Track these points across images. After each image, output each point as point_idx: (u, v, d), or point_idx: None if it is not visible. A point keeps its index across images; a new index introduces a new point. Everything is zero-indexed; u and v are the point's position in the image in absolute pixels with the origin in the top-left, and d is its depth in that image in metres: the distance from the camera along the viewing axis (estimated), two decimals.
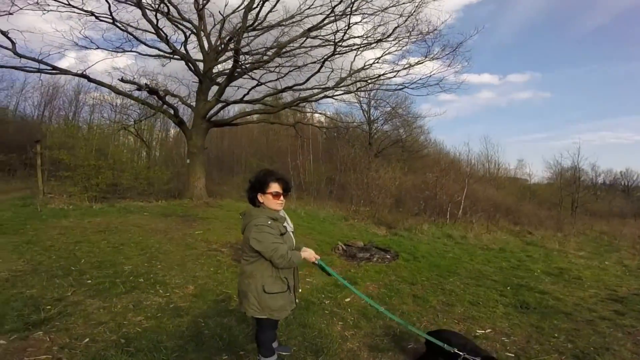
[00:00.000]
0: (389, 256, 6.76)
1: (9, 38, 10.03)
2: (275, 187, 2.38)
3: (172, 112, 12.61)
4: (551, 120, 68.61)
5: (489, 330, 3.65)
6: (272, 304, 2.41)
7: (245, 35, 12.22)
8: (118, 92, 12.57)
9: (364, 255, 6.61)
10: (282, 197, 2.43)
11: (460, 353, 2.28)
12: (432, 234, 10.11)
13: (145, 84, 11.12)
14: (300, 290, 2.97)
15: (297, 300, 2.64)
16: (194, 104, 13.34)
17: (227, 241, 6.55)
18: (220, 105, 13.41)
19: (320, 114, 19.69)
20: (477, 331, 3.63)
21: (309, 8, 12.28)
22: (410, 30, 11.93)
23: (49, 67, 10.91)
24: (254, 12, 12.01)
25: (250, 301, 2.40)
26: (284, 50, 12.42)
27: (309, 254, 2.50)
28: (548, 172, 30.73)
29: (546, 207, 21.87)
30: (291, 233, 2.55)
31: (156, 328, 3.13)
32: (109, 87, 11.95)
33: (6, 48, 10.08)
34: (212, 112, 13.07)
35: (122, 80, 11.02)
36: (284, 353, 2.94)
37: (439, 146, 31.65)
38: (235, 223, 8.27)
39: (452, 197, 13.48)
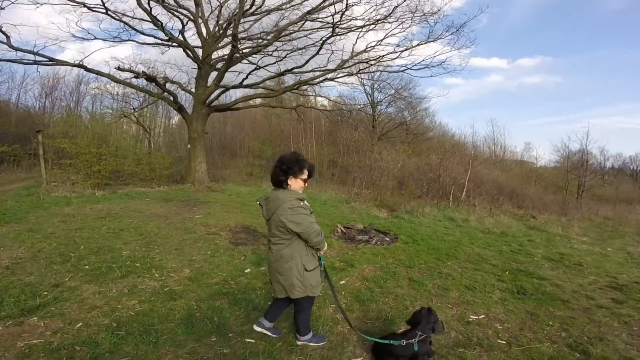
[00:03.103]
0: (388, 239, 6.73)
1: (3, 32, 10.05)
2: (306, 173, 2.52)
3: (171, 98, 12.59)
4: (561, 104, 67.51)
5: (482, 316, 3.63)
6: (313, 281, 2.57)
7: (243, 20, 12.00)
8: (116, 81, 12.61)
9: (363, 237, 6.59)
10: (306, 183, 2.58)
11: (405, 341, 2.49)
12: (433, 217, 10.02)
13: (143, 71, 11.08)
14: None
15: None
16: (193, 90, 13.27)
17: (226, 224, 6.59)
18: (220, 90, 13.39)
19: (323, 97, 19.51)
20: (471, 317, 3.61)
21: None
22: (413, 11, 11.57)
23: (45, 59, 10.92)
24: None
25: (295, 284, 2.50)
26: (282, 34, 12.14)
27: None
28: (555, 155, 30.27)
29: (551, 191, 21.57)
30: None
31: (148, 311, 3.18)
32: (107, 76, 11.99)
33: (1, 42, 10.10)
34: (212, 97, 13.09)
35: (118, 68, 11.03)
36: (275, 335, 3.02)
37: (444, 128, 31.16)
38: (235, 206, 8.33)
39: (456, 179, 13.24)
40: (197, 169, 12.32)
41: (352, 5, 11.37)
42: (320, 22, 12.61)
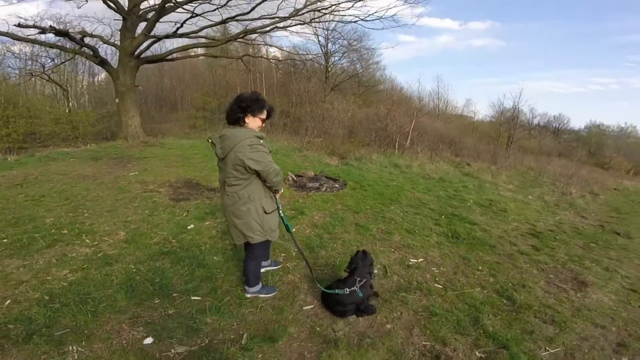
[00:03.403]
0: (337, 185, 6.88)
1: None
2: (265, 113, 2.41)
3: (90, 52, 11.14)
4: (501, 67, 72.40)
5: (421, 260, 3.88)
6: (273, 224, 2.50)
7: None
8: (18, 39, 10.73)
9: (314, 185, 6.65)
10: (264, 124, 2.47)
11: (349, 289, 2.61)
12: (380, 164, 10.32)
13: (51, 26, 9.61)
14: None
15: None
16: (119, 42, 11.67)
17: (165, 180, 6.15)
18: (150, 41, 12.05)
19: (274, 47, 18.30)
20: (411, 260, 3.85)
21: None
22: None
23: None
24: None
25: (253, 227, 2.41)
26: None
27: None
28: (491, 110, 33.53)
29: (485, 142, 23.59)
30: None
31: (83, 280, 2.92)
32: (6, 34, 10.10)
33: None
34: (141, 48, 11.83)
35: (19, 25, 9.49)
36: (274, 268, 3.23)
37: (394, 82, 32.01)
38: (176, 160, 7.76)
39: (401, 128, 13.82)
40: (129, 124, 11.25)
41: None
42: None
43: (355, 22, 13.51)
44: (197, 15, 11.94)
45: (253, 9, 11.83)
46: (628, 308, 3.14)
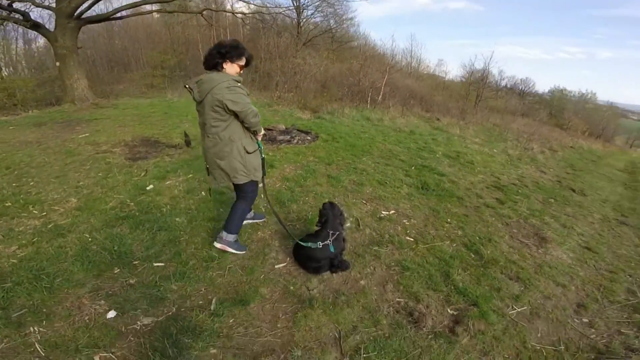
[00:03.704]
0: (309, 138, 6.76)
1: None
2: (244, 60, 2.42)
3: (20, 17, 9.58)
4: (475, 30, 70.64)
5: (392, 212, 3.87)
6: (255, 164, 2.55)
7: None
8: None
9: (285, 137, 6.49)
10: (242, 71, 2.47)
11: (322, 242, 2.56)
12: (352, 117, 10.24)
13: None
14: None
15: None
16: (55, 4, 10.05)
17: (120, 140, 5.61)
18: (92, 0, 10.35)
19: (242, 0, 16.62)
20: (382, 212, 3.82)
21: None
22: None
23: None
24: None
25: (237, 167, 2.46)
26: None
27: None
28: (462, 70, 33.93)
29: (455, 100, 23.95)
30: None
31: (34, 255, 2.61)
32: None
33: None
34: (82, 8, 10.26)
35: None
36: (258, 220, 3.24)
37: (367, 39, 31.04)
38: (132, 120, 7.12)
39: (374, 84, 13.73)
40: (74, 87, 10.16)
41: None
42: None
43: None
44: None
45: None
46: (584, 267, 3.34)
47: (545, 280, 2.92)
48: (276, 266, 2.69)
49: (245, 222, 2.87)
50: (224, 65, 2.35)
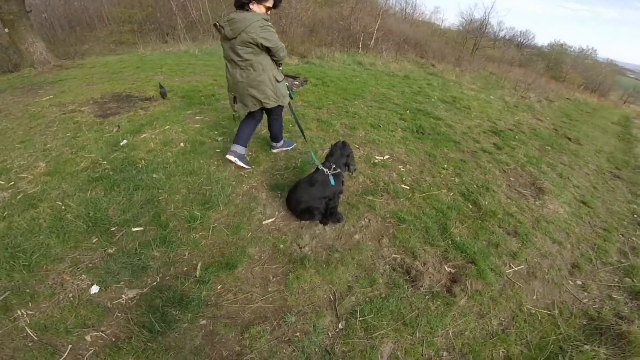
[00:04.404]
0: (297, 82, 6.48)
1: None
2: (271, 2, 2.58)
3: None
4: None
5: (387, 157, 3.67)
6: (283, 91, 2.86)
7: None
8: None
9: None
10: (269, 11, 2.64)
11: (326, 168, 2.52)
12: (343, 62, 9.73)
13: None
14: None
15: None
16: None
17: (89, 98, 5.09)
18: None
19: None
20: (376, 157, 3.63)
21: None
22: None
23: None
24: None
25: (268, 94, 2.75)
26: None
27: None
28: (460, 18, 32.49)
29: (451, 47, 22.98)
30: None
31: (7, 231, 2.36)
32: None
33: None
34: None
35: None
36: (288, 147, 3.57)
37: None
38: (101, 77, 6.50)
39: (366, 28, 13.03)
40: (31, 51, 9.19)
41: None
42: None
43: None
44: None
45: None
46: (580, 223, 3.25)
47: (542, 237, 2.85)
48: (264, 222, 2.52)
49: (232, 158, 3.04)
50: (251, 6, 2.49)
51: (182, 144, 3.53)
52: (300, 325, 1.82)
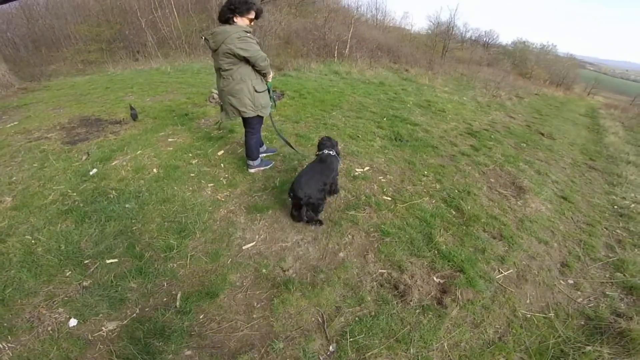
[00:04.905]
0: (274, 97, 6.36)
1: None
2: (253, 13, 2.72)
3: None
4: None
5: (367, 168, 3.66)
6: (263, 101, 2.94)
7: None
8: None
9: None
10: (252, 23, 2.80)
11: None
12: (320, 72, 9.83)
13: None
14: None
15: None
16: None
17: (56, 123, 4.89)
18: None
19: None
20: (357, 170, 3.61)
21: None
22: None
23: None
24: None
25: (246, 103, 2.86)
26: None
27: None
28: (428, 22, 33.81)
29: (422, 51, 23.69)
30: None
31: None
32: None
33: None
34: None
35: None
36: (271, 153, 3.76)
37: None
38: (69, 100, 6.27)
39: (340, 37, 13.25)
40: None
41: None
42: None
43: None
44: None
45: None
46: (563, 219, 3.29)
47: (528, 237, 2.85)
48: (244, 247, 2.45)
49: (256, 169, 3.35)
50: (235, 19, 2.66)
51: (155, 170, 3.42)
52: (289, 351, 1.76)
